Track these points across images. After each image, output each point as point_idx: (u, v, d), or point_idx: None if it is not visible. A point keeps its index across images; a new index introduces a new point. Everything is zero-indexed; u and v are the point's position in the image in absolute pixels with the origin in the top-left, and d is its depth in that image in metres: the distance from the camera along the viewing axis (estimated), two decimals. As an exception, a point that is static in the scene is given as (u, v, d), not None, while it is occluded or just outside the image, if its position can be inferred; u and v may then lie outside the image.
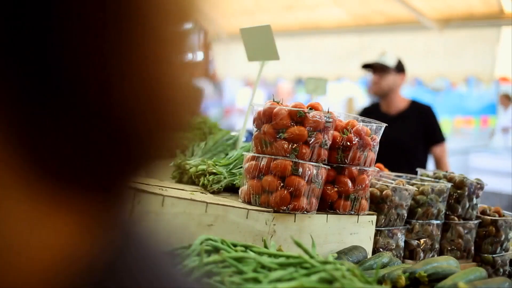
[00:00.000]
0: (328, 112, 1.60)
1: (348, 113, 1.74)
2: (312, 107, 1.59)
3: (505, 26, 4.55)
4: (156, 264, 0.40)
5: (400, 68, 3.69)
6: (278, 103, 1.61)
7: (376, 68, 3.67)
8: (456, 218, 1.96)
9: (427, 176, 2.07)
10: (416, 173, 2.19)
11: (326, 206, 1.64)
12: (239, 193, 1.65)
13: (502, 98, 9.57)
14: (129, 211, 1.36)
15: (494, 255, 1.99)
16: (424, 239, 1.88)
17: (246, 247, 1.31)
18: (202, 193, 1.70)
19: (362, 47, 5.30)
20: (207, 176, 1.79)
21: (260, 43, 2.02)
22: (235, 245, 1.31)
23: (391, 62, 3.65)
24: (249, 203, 1.59)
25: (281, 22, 5.73)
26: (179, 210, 1.37)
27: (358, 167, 1.64)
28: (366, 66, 3.76)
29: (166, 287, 0.40)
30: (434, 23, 4.85)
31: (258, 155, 1.58)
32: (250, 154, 1.61)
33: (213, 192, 1.76)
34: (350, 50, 5.38)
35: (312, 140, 1.55)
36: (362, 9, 5.32)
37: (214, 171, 1.79)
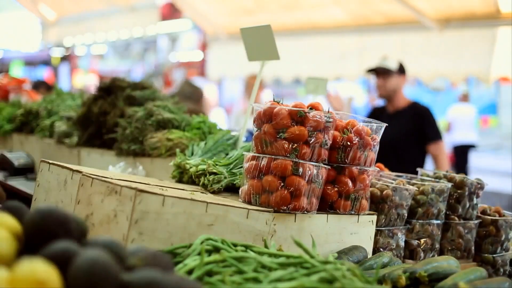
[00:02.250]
0: (328, 112, 1.60)
1: (347, 113, 1.74)
2: (313, 107, 1.59)
3: (505, 26, 4.55)
4: None
5: (401, 70, 3.86)
6: (278, 103, 1.61)
7: (379, 72, 3.84)
8: (456, 218, 1.96)
9: (428, 176, 2.07)
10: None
11: (326, 206, 1.64)
12: (239, 193, 1.65)
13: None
14: (130, 211, 1.34)
15: (494, 255, 1.99)
16: (425, 239, 1.88)
17: (246, 247, 1.31)
18: (202, 193, 1.70)
19: (362, 47, 5.30)
20: (207, 176, 1.79)
21: (260, 43, 2.02)
22: (235, 245, 1.31)
23: (393, 65, 3.83)
24: (249, 203, 1.59)
25: (281, 22, 5.72)
26: (179, 210, 1.37)
27: (358, 167, 1.64)
28: (370, 71, 3.93)
29: None
30: (434, 23, 4.85)
31: (259, 155, 1.58)
32: (251, 154, 1.61)
33: (213, 192, 1.76)
34: (349, 50, 5.39)
35: (313, 140, 1.55)
36: (362, 9, 5.32)
37: (215, 171, 1.79)
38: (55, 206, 0.98)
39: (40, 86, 6.40)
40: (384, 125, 1.71)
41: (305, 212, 1.56)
